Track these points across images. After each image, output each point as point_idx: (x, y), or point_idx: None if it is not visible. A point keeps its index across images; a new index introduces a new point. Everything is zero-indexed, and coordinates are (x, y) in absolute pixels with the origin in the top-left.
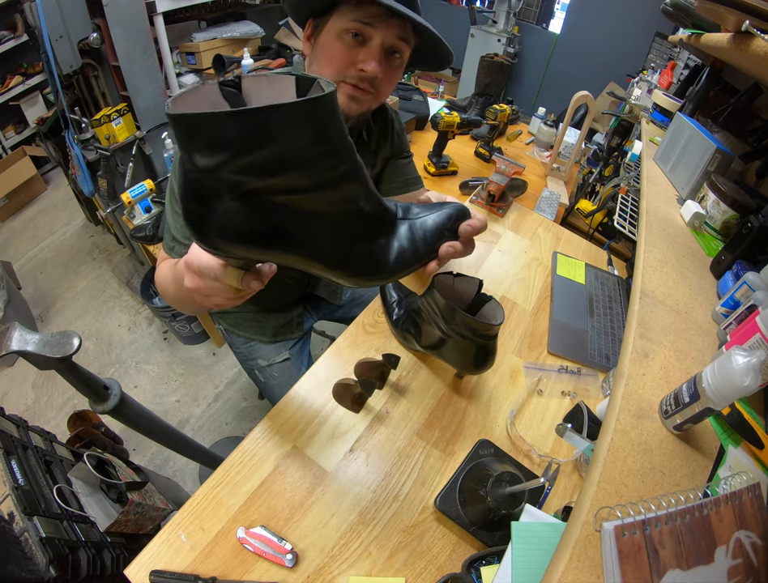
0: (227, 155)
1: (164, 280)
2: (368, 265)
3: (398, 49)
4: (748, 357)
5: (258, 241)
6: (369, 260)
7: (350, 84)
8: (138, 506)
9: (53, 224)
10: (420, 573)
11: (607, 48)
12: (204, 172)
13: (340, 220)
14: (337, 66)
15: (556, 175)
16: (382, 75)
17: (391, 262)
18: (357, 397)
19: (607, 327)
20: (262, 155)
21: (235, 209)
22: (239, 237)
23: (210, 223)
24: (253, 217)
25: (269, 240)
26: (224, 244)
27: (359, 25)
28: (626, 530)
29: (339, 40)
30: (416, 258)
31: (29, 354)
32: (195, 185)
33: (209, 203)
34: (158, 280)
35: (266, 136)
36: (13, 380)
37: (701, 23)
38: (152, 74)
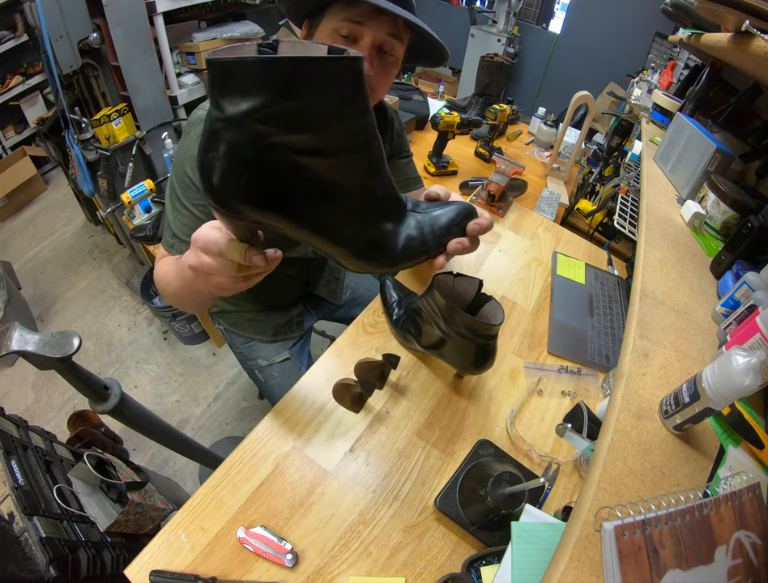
0: (256, 102)
1: (164, 276)
2: (373, 249)
3: (390, 47)
4: (748, 357)
5: (271, 202)
6: (375, 244)
7: None
8: (138, 506)
9: (53, 224)
10: (420, 573)
11: (607, 48)
12: (230, 120)
13: (353, 196)
14: None
15: (556, 175)
16: (375, 74)
17: (398, 250)
18: (357, 397)
19: (607, 327)
20: (290, 106)
21: (253, 163)
22: (252, 195)
23: (226, 177)
24: (270, 175)
25: (281, 202)
26: (237, 202)
27: (349, 24)
28: (626, 530)
29: (330, 40)
30: (423, 250)
31: (29, 354)
32: (218, 135)
33: (229, 156)
34: (158, 277)
35: (297, 88)
36: (13, 380)
37: (701, 23)
38: (152, 74)
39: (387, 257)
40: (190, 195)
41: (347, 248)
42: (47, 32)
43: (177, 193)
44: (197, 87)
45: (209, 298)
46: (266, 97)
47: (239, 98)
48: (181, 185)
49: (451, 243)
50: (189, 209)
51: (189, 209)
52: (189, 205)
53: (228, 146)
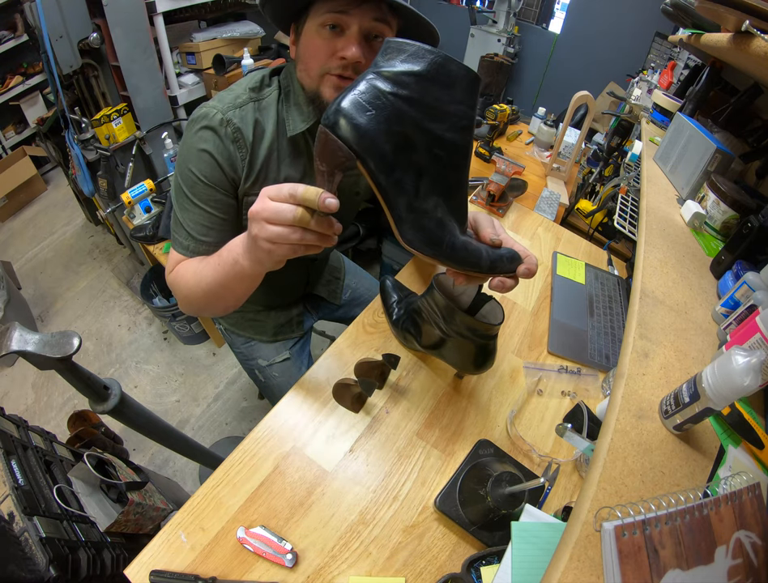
0: (408, 74)
1: (192, 278)
2: (438, 228)
3: (378, 31)
4: (748, 357)
5: (379, 138)
6: (442, 226)
7: (335, 75)
8: (138, 506)
9: (53, 224)
10: (420, 573)
11: (607, 48)
12: (383, 75)
13: (448, 176)
14: (319, 60)
15: (556, 175)
16: (365, 60)
17: (458, 244)
18: (357, 397)
19: (607, 327)
20: (428, 85)
21: (385, 102)
22: (372, 125)
23: (355, 107)
24: (392, 116)
25: (387, 142)
26: (358, 139)
27: (333, 16)
28: (626, 530)
29: (317, 35)
30: (475, 261)
31: (29, 354)
32: (368, 82)
33: (366, 92)
34: (178, 283)
35: (438, 74)
36: (13, 380)
37: (701, 23)
38: (152, 74)
39: (447, 243)
40: (199, 191)
41: (417, 215)
42: (47, 32)
43: (186, 192)
44: (197, 87)
45: (249, 286)
46: (414, 70)
47: (398, 62)
48: (188, 184)
49: (494, 280)
50: (200, 205)
51: (200, 205)
52: (200, 201)
53: (371, 102)
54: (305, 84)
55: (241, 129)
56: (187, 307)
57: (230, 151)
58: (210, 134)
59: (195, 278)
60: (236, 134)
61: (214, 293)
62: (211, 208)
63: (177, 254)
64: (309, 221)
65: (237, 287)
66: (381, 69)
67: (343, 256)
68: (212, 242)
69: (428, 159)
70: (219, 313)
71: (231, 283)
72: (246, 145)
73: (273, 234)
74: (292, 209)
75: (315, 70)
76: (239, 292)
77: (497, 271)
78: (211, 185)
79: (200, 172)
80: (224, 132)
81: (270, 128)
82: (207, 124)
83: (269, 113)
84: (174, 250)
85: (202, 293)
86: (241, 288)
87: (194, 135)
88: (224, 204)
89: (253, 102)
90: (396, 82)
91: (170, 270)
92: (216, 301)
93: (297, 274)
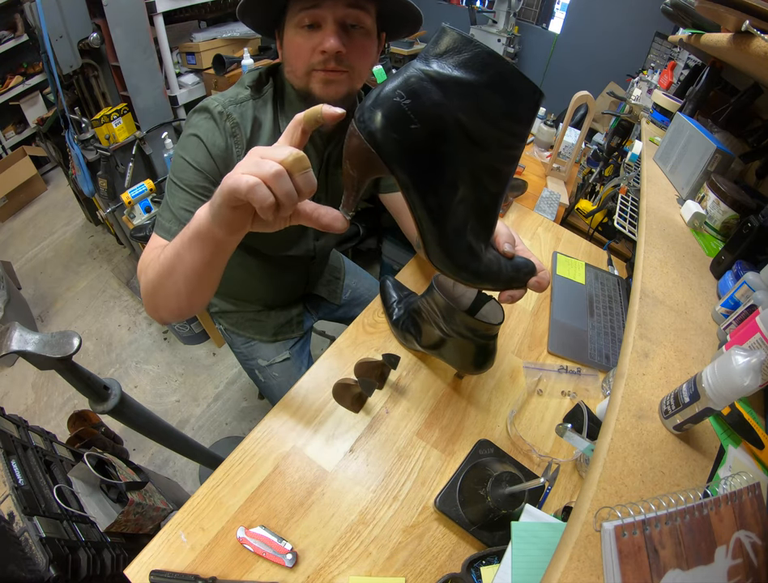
0: (463, 84)
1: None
2: (468, 254)
3: (354, 18)
4: (748, 357)
5: (421, 157)
6: (471, 249)
7: (320, 70)
8: (138, 506)
9: (53, 224)
10: (420, 573)
11: (607, 48)
12: (432, 77)
13: (479, 198)
14: (302, 59)
15: (556, 175)
16: (347, 50)
17: (482, 265)
18: (357, 397)
19: (607, 327)
20: (484, 101)
21: (432, 115)
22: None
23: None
24: (438, 132)
25: (428, 161)
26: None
27: (307, 13)
28: (626, 530)
29: (297, 35)
30: (494, 279)
31: (29, 354)
32: (414, 85)
33: (412, 100)
34: (147, 261)
35: (498, 88)
36: (13, 380)
37: (701, 23)
38: (152, 74)
39: (472, 268)
40: (188, 177)
41: (450, 241)
42: (47, 32)
43: (175, 178)
44: (197, 87)
45: (199, 257)
46: (472, 77)
47: (451, 65)
48: (178, 170)
49: (504, 294)
50: (187, 190)
51: (187, 190)
52: (187, 187)
53: (413, 89)
54: (294, 85)
55: (239, 124)
56: (145, 298)
57: (227, 144)
58: (206, 121)
59: (158, 253)
60: (235, 128)
61: (168, 265)
62: (199, 194)
63: (156, 240)
64: (300, 169)
65: (187, 255)
66: (433, 68)
67: (343, 256)
68: None
69: (469, 181)
70: (172, 306)
71: (182, 249)
72: (243, 141)
73: (253, 163)
74: (291, 150)
75: (301, 69)
76: (187, 265)
77: (512, 285)
78: (200, 171)
79: (191, 158)
80: (222, 124)
81: (267, 125)
82: (206, 113)
83: (266, 111)
84: (155, 236)
85: (158, 269)
86: (190, 258)
87: (193, 123)
88: (211, 193)
89: (254, 99)
90: (449, 92)
91: (143, 257)
92: (167, 281)
93: (297, 274)
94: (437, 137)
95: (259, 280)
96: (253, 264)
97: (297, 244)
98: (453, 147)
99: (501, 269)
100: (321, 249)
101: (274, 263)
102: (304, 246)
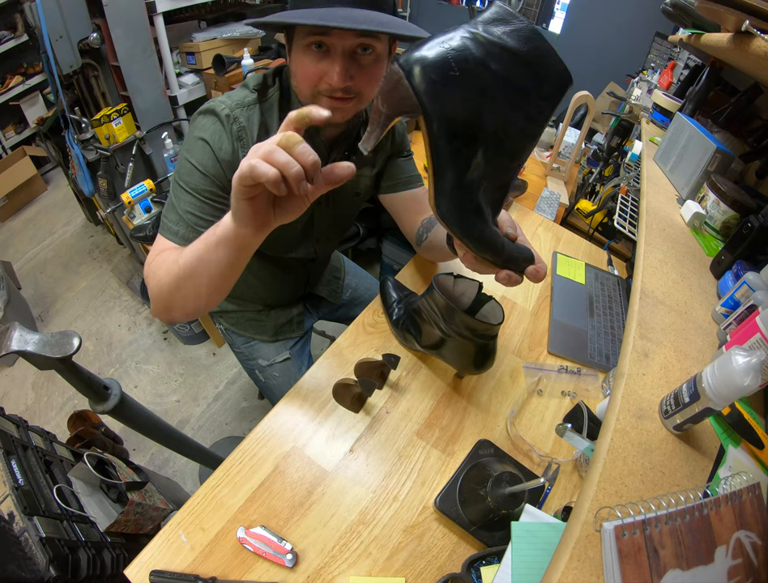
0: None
1: (170, 260)
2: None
3: (366, 45)
4: (748, 357)
5: (454, 101)
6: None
7: (326, 97)
8: (138, 506)
9: (53, 224)
10: (420, 573)
11: (607, 48)
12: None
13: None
14: (309, 82)
15: (556, 175)
16: (354, 81)
17: (487, 231)
18: (357, 397)
19: (607, 327)
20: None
21: (472, 68)
22: (451, 86)
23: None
24: (473, 84)
25: (460, 109)
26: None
27: (315, 38)
28: (626, 530)
29: (305, 55)
30: (497, 250)
31: (29, 354)
32: (462, 40)
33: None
34: (156, 267)
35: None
36: (13, 380)
37: (701, 23)
38: (152, 74)
39: (478, 228)
40: (195, 180)
41: (461, 193)
42: (47, 32)
43: (182, 181)
44: (197, 87)
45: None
46: (521, 49)
47: (497, 32)
48: (185, 173)
49: (502, 272)
50: (194, 194)
51: (194, 194)
52: (194, 191)
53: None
54: (300, 99)
55: (246, 128)
56: (156, 299)
57: (234, 147)
58: (213, 124)
59: (173, 257)
60: (241, 132)
61: (190, 268)
62: (206, 198)
63: (162, 242)
64: (295, 143)
65: (213, 259)
66: (480, 31)
67: (343, 256)
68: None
69: (493, 140)
70: (190, 307)
71: (207, 254)
72: (250, 144)
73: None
74: (282, 135)
75: (307, 91)
76: (213, 268)
77: (510, 266)
78: (206, 175)
79: (198, 162)
80: (229, 127)
81: (273, 129)
82: (213, 115)
83: (272, 114)
84: (161, 238)
85: (176, 272)
86: (216, 261)
87: (199, 125)
88: (219, 197)
89: (260, 103)
90: (490, 53)
91: (150, 260)
92: (188, 283)
93: (298, 274)
94: (471, 89)
95: (260, 280)
96: (255, 264)
97: (298, 247)
98: (483, 104)
99: (504, 244)
100: (321, 252)
101: (275, 263)
102: (304, 249)
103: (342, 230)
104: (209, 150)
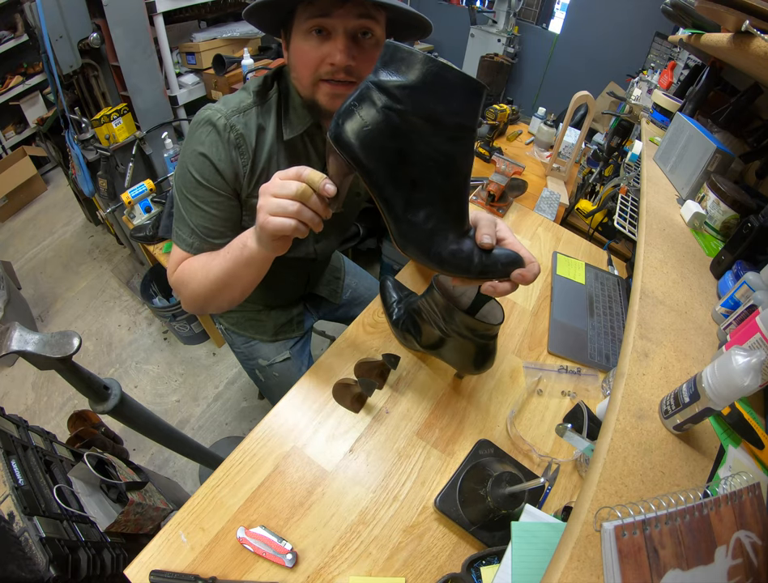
0: (402, 87)
1: (199, 272)
2: (428, 239)
3: (365, 29)
4: (748, 357)
5: (373, 153)
6: (431, 235)
7: (327, 81)
8: (138, 506)
9: (53, 224)
10: (420, 573)
11: (607, 48)
12: (379, 86)
13: (442, 188)
14: (309, 68)
15: (556, 175)
16: (356, 61)
17: (444, 253)
18: (357, 397)
19: (607, 327)
20: (422, 97)
21: (378, 118)
22: (367, 141)
23: (355, 123)
24: (385, 130)
25: (380, 157)
26: (353, 154)
27: (316, 21)
28: (626, 530)
29: (305, 41)
30: (464, 267)
31: (29, 354)
32: (365, 93)
33: (363, 105)
34: (185, 278)
35: (433, 84)
36: (13, 380)
37: (701, 23)
38: (152, 74)
39: (434, 253)
40: (201, 194)
41: (407, 226)
42: (47, 32)
43: (188, 194)
44: (197, 87)
45: (256, 274)
46: (409, 78)
47: (395, 73)
48: (190, 186)
49: (485, 284)
50: (202, 207)
51: (202, 207)
52: (202, 203)
53: (363, 100)
54: (300, 92)
55: (243, 135)
56: (192, 304)
57: (232, 156)
58: (211, 137)
59: (203, 271)
60: (239, 139)
61: (222, 282)
62: (214, 209)
63: (179, 252)
64: (309, 197)
65: (245, 275)
66: (379, 78)
67: (343, 256)
68: (216, 241)
69: (421, 171)
70: (225, 307)
71: (239, 270)
72: (249, 151)
73: (275, 204)
74: (296, 184)
75: (307, 79)
76: (246, 281)
77: (489, 276)
78: (211, 188)
79: (200, 176)
80: (226, 137)
81: (270, 131)
82: (209, 126)
83: (270, 117)
84: (177, 248)
85: (210, 285)
86: (248, 275)
87: (196, 137)
88: (226, 206)
89: (257, 106)
90: (390, 96)
91: (173, 269)
92: (223, 292)
93: (298, 274)
94: (386, 135)
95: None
96: None
97: (298, 247)
98: (403, 142)
99: (472, 257)
100: (322, 252)
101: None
102: (304, 249)
103: (342, 230)
104: (209, 164)
